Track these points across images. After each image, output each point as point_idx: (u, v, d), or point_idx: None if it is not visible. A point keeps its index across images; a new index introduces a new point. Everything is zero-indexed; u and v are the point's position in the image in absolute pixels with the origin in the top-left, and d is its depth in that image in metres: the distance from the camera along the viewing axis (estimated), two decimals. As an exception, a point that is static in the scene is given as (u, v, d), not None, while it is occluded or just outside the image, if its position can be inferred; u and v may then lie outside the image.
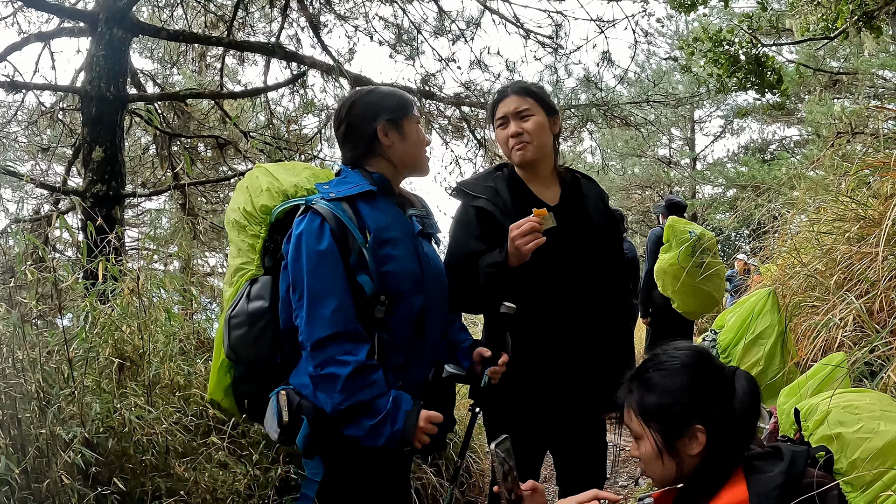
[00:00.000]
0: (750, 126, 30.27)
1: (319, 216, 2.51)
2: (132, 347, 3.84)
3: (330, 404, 2.45)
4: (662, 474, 2.09)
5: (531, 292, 3.05)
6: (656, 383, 2.08)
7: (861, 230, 4.45)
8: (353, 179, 2.68)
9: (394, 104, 2.75)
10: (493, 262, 2.95)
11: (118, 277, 4.28)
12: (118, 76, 8.08)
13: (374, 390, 2.44)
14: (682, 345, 2.17)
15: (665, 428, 2.03)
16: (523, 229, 2.85)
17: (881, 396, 2.44)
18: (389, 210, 2.69)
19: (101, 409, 3.42)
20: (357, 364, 2.42)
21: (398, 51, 9.55)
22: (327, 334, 2.42)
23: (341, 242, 2.48)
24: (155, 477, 3.42)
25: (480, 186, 3.22)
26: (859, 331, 3.75)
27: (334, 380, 2.41)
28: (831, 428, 2.19)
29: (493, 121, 3.29)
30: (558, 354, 3.12)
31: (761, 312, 4.29)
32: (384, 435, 2.43)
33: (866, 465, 2.04)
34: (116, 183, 7.86)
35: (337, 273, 2.47)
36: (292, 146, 9.36)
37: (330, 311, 2.43)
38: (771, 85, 11.13)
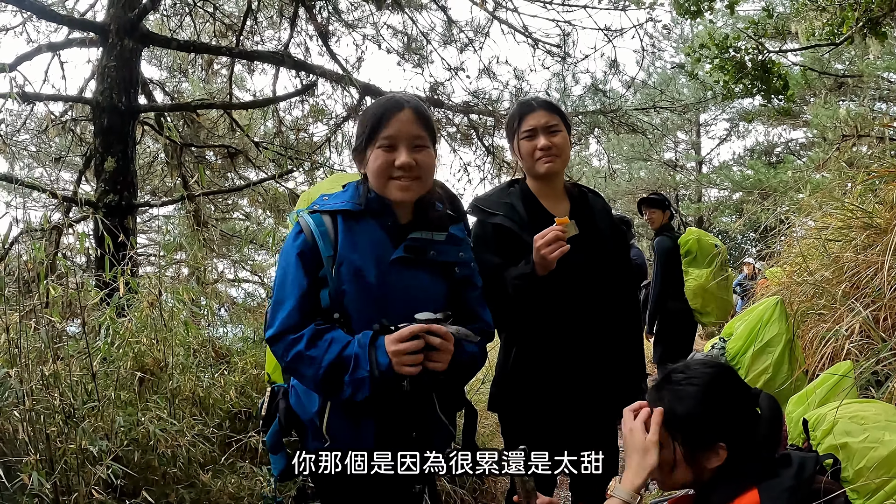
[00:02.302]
0: (756, 129, 30.25)
1: (299, 226, 2.55)
2: (152, 360, 3.90)
3: (311, 382, 2.45)
4: (675, 480, 2.14)
5: (551, 303, 3.12)
6: (687, 395, 2.12)
7: (868, 238, 4.49)
8: (345, 195, 2.65)
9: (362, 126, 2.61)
10: (521, 274, 3.02)
11: (136, 290, 4.34)
12: (129, 87, 8.14)
13: (337, 345, 2.40)
14: (710, 361, 2.22)
15: (689, 440, 2.08)
16: (547, 238, 2.91)
17: (886, 407, 2.49)
18: (371, 232, 2.57)
19: (124, 422, 3.49)
20: (310, 332, 2.42)
21: (406, 59, 9.61)
22: (279, 331, 2.44)
23: (311, 254, 2.50)
24: (179, 488, 3.49)
25: (496, 203, 3.28)
26: (866, 339, 3.79)
27: (300, 358, 2.40)
28: (838, 438, 2.24)
29: (516, 132, 3.31)
30: (573, 362, 3.19)
31: (769, 321, 4.32)
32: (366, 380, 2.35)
33: (871, 474, 2.09)
34: (129, 193, 7.93)
35: (297, 280, 2.48)
36: (301, 154, 9.40)
37: (286, 313, 2.45)
38: (777, 91, 11.15)
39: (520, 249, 3.07)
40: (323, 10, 9.55)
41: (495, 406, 3.42)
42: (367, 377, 2.36)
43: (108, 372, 3.81)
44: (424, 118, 2.61)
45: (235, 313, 8.14)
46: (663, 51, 17.98)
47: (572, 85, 9.69)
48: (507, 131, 3.43)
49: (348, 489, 2.61)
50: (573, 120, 9.43)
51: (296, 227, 2.58)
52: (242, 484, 3.62)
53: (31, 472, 2.92)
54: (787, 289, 5.51)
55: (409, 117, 2.55)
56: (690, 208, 30.86)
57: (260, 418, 2.69)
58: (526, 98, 3.45)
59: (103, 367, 3.77)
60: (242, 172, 10.91)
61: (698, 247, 7.03)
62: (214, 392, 4.08)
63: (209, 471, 3.64)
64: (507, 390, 3.34)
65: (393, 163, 2.52)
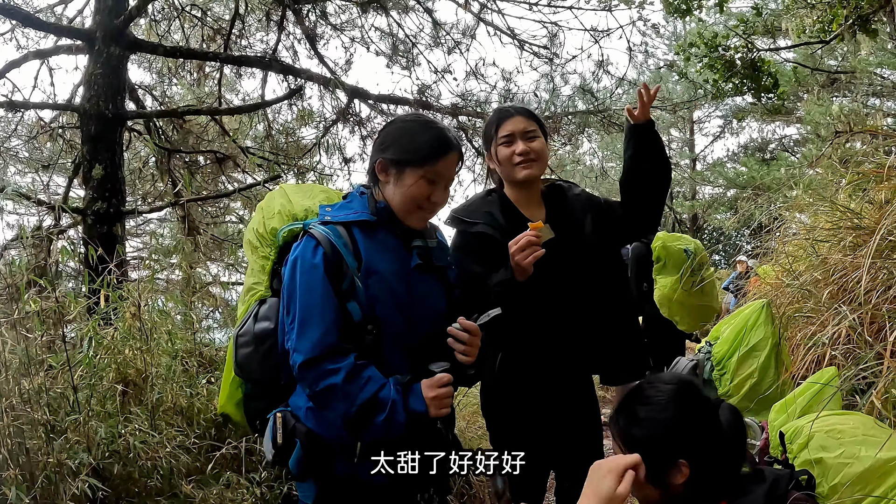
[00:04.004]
0: (749, 126, 30.27)
1: (315, 240, 2.51)
2: (135, 371, 3.89)
3: (341, 417, 2.43)
4: (647, 499, 2.14)
5: (533, 307, 3.13)
6: (642, 418, 2.12)
7: (856, 239, 4.46)
8: (355, 205, 2.66)
9: (410, 147, 2.60)
10: (500, 281, 3.03)
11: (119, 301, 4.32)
12: (116, 94, 8.10)
13: (374, 385, 2.41)
14: (668, 377, 2.21)
15: (649, 461, 2.05)
16: (521, 244, 2.91)
17: (865, 420, 2.48)
18: (387, 241, 2.62)
19: (105, 435, 3.47)
20: (348, 367, 2.40)
21: (394, 61, 9.60)
22: (315, 355, 2.41)
23: (334, 267, 2.47)
24: (161, 500, 3.47)
25: (475, 212, 3.29)
26: (853, 344, 3.77)
27: (333, 390, 2.39)
28: (813, 452, 2.23)
29: (494, 138, 3.30)
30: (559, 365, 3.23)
31: (755, 325, 4.32)
32: (402, 423, 2.41)
33: (846, 491, 2.07)
34: (117, 200, 7.90)
35: (328, 297, 2.45)
36: (290, 159, 9.39)
37: (319, 333, 2.42)
38: (767, 89, 11.15)
39: (502, 257, 3.05)
40: (310, 13, 9.54)
41: (485, 412, 3.44)
42: (403, 422, 2.40)
43: (91, 384, 3.79)
44: (462, 159, 2.72)
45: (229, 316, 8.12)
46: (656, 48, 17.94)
47: (561, 85, 9.68)
48: (485, 139, 3.43)
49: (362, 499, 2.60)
50: (563, 120, 9.43)
51: (309, 241, 2.53)
52: (225, 495, 3.61)
53: (11, 486, 2.91)
54: (776, 290, 5.50)
55: (456, 160, 2.66)
56: (685, 206, 30.88)
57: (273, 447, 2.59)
58: (502, 105, 3.44)
59: (86, 379, 3.75)
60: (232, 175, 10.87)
61: (665, 253, 6.86)
62: (198, 402, 4.07)
63: (192, 481, 3.62)
64: (495, 396, 3.33)
65: (429, 197, 2.59)
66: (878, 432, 2.28)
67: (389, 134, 2.70)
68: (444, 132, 2.66)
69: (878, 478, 2.09)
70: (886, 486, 2.07)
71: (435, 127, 2.68)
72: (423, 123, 2.70)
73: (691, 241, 7.00)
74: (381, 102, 9.40)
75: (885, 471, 2.09)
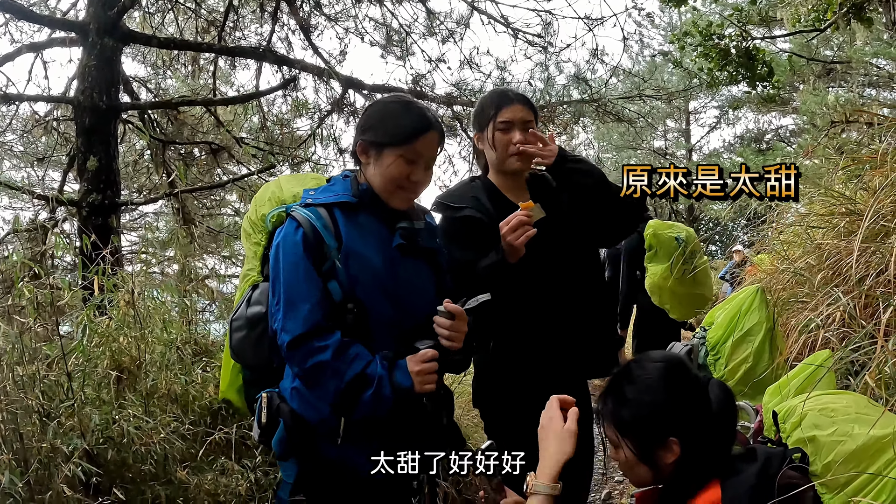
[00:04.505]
0: (745, 116, 30.28)
1: (296, 222, 2.54)
2: (129, 358, 3.89)
3: (332, 394, 2.45)
4: (640, 479, 2.15)
5: (526, 290, 3.12)
6: (630, 398, 2.12)
7: (850, 224, 4.46)
8: (337, 188, 2.68)
9: (388, 128, 2.60)
10: (491, 264, 3.01)
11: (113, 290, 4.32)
12: (110, 86, 8.07)
13: (361, 361, 2.43)
14: (657, 355, 2.20)
15: (639, 441, 2.08)
16: (512, 224, 2.92)
17: (858, 399, 2.47)
18: (368, 223, 2.63)
19: (100, 421, 3.48)
20: (335, 344, 2.42)
21: (389, 51, 9.58)
22: (302, 332, 2.43)
23: (315, 248, 2.50)
24: (155, 485, 3.48)
25: (462, 197, 3.27)
26: (847, 327, 3.77)
27: (323, 367, 2.41)
28: (806, 431, 2.22)
29: (492, 120, 3.24)
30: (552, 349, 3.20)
31: (749, 309, 4.33)
32: (388, 398, 2.43)
33: (840, 469, 2.07)
34: (112, 192, 7.87)
35: (310, 276, 2.47)
36: (285, 150, 9.38)
37: (305, 311, 2.44)
38: (762, 77, 11.16)
39: (490, 241, 3.05)
40: (304, 3, 9.51)
41: (478, 402, 3.43)
42: (390, 397, 2.42)
43: (85, 371, 3.79)
44: (443, 140, 2.73)
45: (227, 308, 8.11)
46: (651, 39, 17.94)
47: (556, 74, 9.66)
48: (479, 119, 3.36)
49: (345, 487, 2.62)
50: (558, 110, 9.42)
51: (291, 223, 2.57)
52: (220, 480, 3.62)
53: (4, 471, 2.92)
54: (771, 276, 5.50)
55: (436, 139, 2.66)
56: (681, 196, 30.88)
57: (258, 426, 2.64)
58: (500, 88, 3.41)
59: (80, 366, 3.75)
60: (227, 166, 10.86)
61: (657, 241, 6.80)
62: (193, 389, 4.07)
63: (186, 467, 3.63)
64: (488, 384, 3.33)
65: (409, 176, 2.60)
66: (872, 410, 2.28)
67: (370, 116, 2.72)
68: (424, 112, 2.67)
69: (871, 455, 2.09)
70: (880, 464, 2.07)
71: (414, 107, 2.68)
72: (403, 104, 2.71)
73: (683, 229, 6.94)
74: (375, 92, 9.37)
75: (878, 448, 2.09)
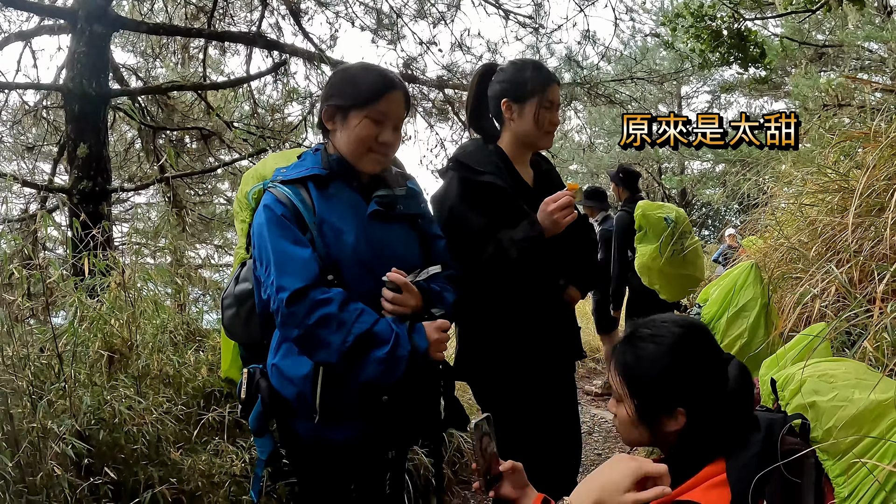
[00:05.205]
0: (737, 101, 30.26)
1: (274, 195, 2.52)
2: (121, 340, 3.87)
3: (336, 351, 2.36)
4: (634, 439, 2.10)
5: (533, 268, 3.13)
6: (646, 356, 2.05)
7: (843, 201, 4.46)
8: (307, 162, 2.65)
9: (351, 90, 2.58)
10: (529, 237, 2.99)
11: (106, 272, 4.30)
12: (100, 72, 8.05)
13: (369, 317, 2.40)
14: (682, 320, 2.11)
15: (647, 402, 2.02)
16: (561, 203, 2.95)
17: (857, 365, 2.45)
18: (341, 194, 2.59)
19: (91, 402, 3.46)
20: (340, 296, 2.38)
21: (380, 35, 9.54)
22: (302, 285, 2.36)
23: (296, 221, 2.48)
24: (147, 466, 3.46)
25: (482, 161, 3.22)
26: (842, 301, 3.77)
27: (328, 320, 2.34)
28: (806, 397, 2.18)
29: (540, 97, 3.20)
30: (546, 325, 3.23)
31: (744, 285, 4.31)
32: (403, 359, 2.39)
33: (840, 433, 2.03)
34: (102, 179, 7.86)
35: (299, 237, 2.45)
36: (277, 135, 9.35)
37: (301, 264, 2.39)
38: (754, 59, 11.12)
39: (509, 211, 3.07)
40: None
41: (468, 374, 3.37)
42: (405, 357, 2.39)
43: (78, 353, 3.77)
44: (409, 101, 2.70)
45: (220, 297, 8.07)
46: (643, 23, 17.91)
47: (547, 56, 9.65)
48: (518, 90, 3.23)
49: (327, 461, 2.62)
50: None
51: (269, 197, 2.53)
52: (213, 461, 3.60)
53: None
54: (764, 255, 5.49)
55: (401, 99, 2.62)
56: (673, 181, 30.91)
57: (239, 401, 2.63)
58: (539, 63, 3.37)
59: (71, 348, 3.72)
60: (219, 155, 10.82)
61: (646, 221, 6.69)
62: (185, 370, 4.05)
63: (180, 448, 3.61)
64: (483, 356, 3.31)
65: (376, 137, 2.56)
66: (871, 376, 2.25)
67: (333, 83, 2.67)
68: (386, 73, 2.64)
69: (872, 420, 2.06)
70: (882, 428, 2.04)
71: (376, 68, 2.66)
72: (364, 67, 2.67)
73: (673, 210, 6.86)
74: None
75: (879, 413, 2.06)
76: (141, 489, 3.39)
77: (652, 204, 6.82)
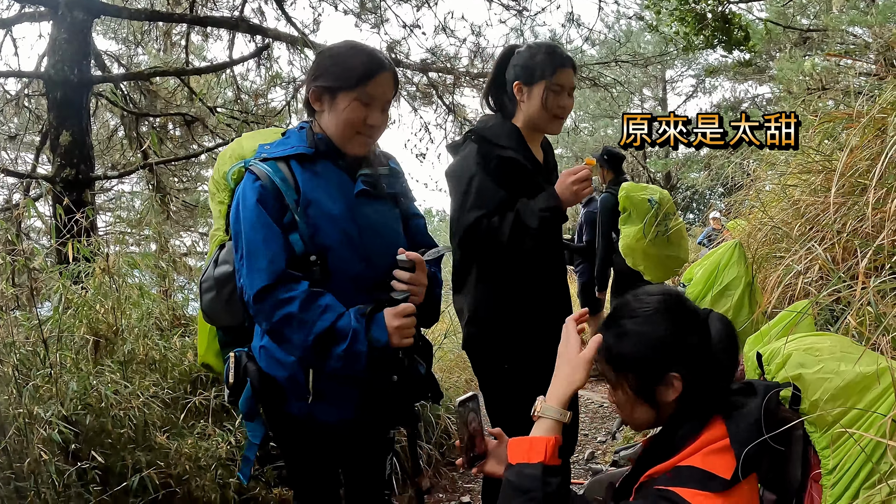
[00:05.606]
0: (722, 85, 30.30)
1: (254, 175, 2.49)
2: (106, 325, 3.85)
3: (298, 348, 2.40)
4: (639, 420, 2.10)
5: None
6: (628, 331, 2.05)
7: (826, 181, 4.48)
8: (292, 140, 2.63)
9: (340, 71, 2.53)
10: (549, 207, 3.08)
11: (90, 258, 4.28)
12: (82, 59, 8.01)
13: (331, 314, 2.38)
14: (653, 289, 2.14)
15: (639, 377, 2.02)
16: (581, 175, 3.05)
17: (842, 339, 2.46)
18: (327, 173, 2.58)
19: (78, 387, 3.44)
20: (303, 295, 2.37)
21: (363, 19, 9.48)
22: (265, 284, 2.37)
23: (275, 201, 2.46)
24: (135, 450, 3.45)
25: (503, 136, 3.27)
26: (825, 279, 3.79)
27: (289, 319, 2.35)
28: (792, 370, 2.19)
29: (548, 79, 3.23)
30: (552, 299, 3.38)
31: (728, 264, 4.32)
32: (362, 354, 2.38)
33: (826, 405, 2.05)
34: (85, 166, 7.83)
35: (270, 228, 2.42)
36: (260, 120, 9.30)
37: (266, 262, 2.38)
38: (738, 42, 11.14)
39: (528, 186, 3.16)
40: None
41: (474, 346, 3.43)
42: (364, 352, 2.37)
43: (64, 339, 3.76)
44: (397, 81, 2.67)
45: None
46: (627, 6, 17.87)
47: (531, 39, 9.61)
48: (528, 71, 3.28)
49: (321, 442, 2.63)
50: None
51: (249, 177, 2.51)
52: (199, 444, 3.60)
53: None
54: (748, 235, 5.52)
55: (390, 80, 2.58)
56: (658, 164, 30.93)
57: (227, 386, 2.61)
58: (553, 45, 3.38)
59: (56, 334, 3.71)
60: (202, 142, 10.77)
61: (630, 203, 6.70)
62: (171, 355, 4.05)
63: (166, 432, 3.61)
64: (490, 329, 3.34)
65: (364, 120, 2.53)
66: (856, 350, 2.26)
67: (320, 62, 2.63)
68: (375, 53, 2.61)
69: (858, 392, 2.07)
70: (867, 401, 2.05)
71: (365, 49, 2.61)
72: (352, 47, 2.62)
73: (657, 191, 6.86)
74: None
75: (865, 385, 2.07)
76: (129, 473, 3.39)
77: (636, 185, 6.82)
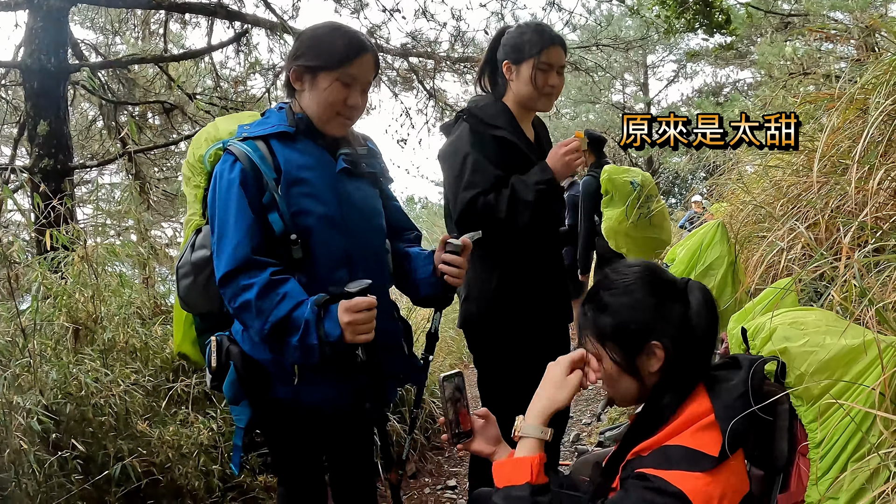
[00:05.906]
0: (703, 70, 30.38)
1: (232, 156, 2.46)
2: (86, 314, 3.82)
3: (257, 334, 2.39)
4: (624, 394, 2.08)
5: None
6: (608, 303, 2.05)
7: (808, 161, 4.49)
8: (272, 120, 2.61)
9: (322, 51, 2.52)
10: (544, 179, 3.11)
11: (69, 247, 4.24)
12: (58, 47, 7.94)
13: (289, 302, 2.34)
14: (632, 261, 2.15)
15: (622, 347, 2.01)
16: (572, 146, 3.11)
17: (826, 313, 2.46)
18: (308, 150, 2.56)
19: (57, 376, 3.41)
20: (262, 282, 2.33)
21: (343, 4, 9.43)
22: (229, 269, 2.35)
23: (253, 180, 2.42)
24: (116, 438, 3.42)
25: (495, 116, 3.29)
26: (808, 257, 3.80)
27: (248, 306, 2.33)
28: (777, 344, 2.19)
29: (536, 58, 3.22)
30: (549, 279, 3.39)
31: (711, 244, 4.33)
32: (314, 347, 2.32)
33: (812, 378, 2.05)
34: (64, 156, 7.77)
35: (241, 210, 2.40)
36: (240, 107, 9.25)
37: (232, 246, 2.37)
38: (719, 25, 11.18)
39: (520, 164, 3.18)
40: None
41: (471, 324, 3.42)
42: (316, 346, 2.32)
43: (41, 328, 3.72)
44: (378, 63, 2.66)
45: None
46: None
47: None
48: (516, 51, 3.29)
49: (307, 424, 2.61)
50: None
51: (227, 157, 2.47)
52: (181, 432, 3.57)
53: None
54: (730, 216, 5.53)
55: (371, 62, 2.57)
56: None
57: (210, 371, 2.57)
58: (542, 25, 3.39)
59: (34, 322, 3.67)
60: (182, 130, 10.70)
61: (612, 186, 6.61)
62: (152, 343, 4.02)
63: (147, 420, 3.58)
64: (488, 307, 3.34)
65: (345, 101, 2.52)
66: (841, 323, 2.26)
67: (302, 42, 2.61)
68: (357, 35, 2.59)
69: (844, 365, 2.07)
70: (853, 373, 2.06)
71: (347, 30, 2.60)
72: (335, 28, 2.60)
73: (639, 174, 6.81)
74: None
75: (850, 358, 2.07)
76: (111, 462, 3.36)
77: (618, 168, 6.80)
